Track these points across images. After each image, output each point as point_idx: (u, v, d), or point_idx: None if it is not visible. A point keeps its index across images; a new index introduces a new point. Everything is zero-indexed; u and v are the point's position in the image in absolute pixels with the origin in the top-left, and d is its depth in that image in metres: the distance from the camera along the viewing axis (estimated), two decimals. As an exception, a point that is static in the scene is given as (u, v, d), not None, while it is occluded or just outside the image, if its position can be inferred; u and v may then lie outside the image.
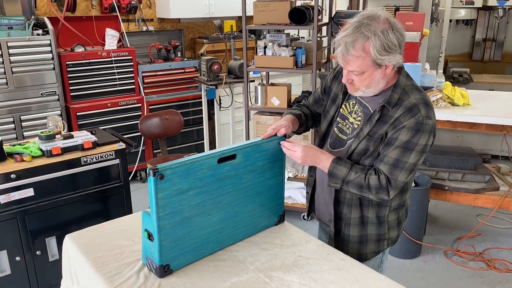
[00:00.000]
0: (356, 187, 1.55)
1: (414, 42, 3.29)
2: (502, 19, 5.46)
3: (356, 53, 1.44)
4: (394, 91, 1.55)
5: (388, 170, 1.53)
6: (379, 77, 1.52)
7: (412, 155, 1.51)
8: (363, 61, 1.46)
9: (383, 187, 1.53)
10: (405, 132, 1.50)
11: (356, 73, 1.51)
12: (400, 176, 1.52)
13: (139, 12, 4.93)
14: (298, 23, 3.34)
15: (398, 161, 1.52)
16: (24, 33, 3.71)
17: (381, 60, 1.45)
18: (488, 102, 3.30)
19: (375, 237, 1.70)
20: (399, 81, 1.56)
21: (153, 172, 1.33)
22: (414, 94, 1.54)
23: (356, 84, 1.54)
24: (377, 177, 1.54)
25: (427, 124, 1.49)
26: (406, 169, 1.52)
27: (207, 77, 4.41)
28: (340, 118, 1.70)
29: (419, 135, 1.49)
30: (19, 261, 2.43)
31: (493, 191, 3.15)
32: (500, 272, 3.03)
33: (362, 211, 1.67)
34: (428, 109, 1.51)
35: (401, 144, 1.51)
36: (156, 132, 3.68)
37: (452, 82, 4.27)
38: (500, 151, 4.64)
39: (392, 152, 1.52)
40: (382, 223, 1.68)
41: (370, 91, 1.56)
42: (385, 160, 1.54)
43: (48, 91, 3.89)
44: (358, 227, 1.68)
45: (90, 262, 1.55)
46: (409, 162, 1.51)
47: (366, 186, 1.54)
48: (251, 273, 1.48)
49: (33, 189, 2.39)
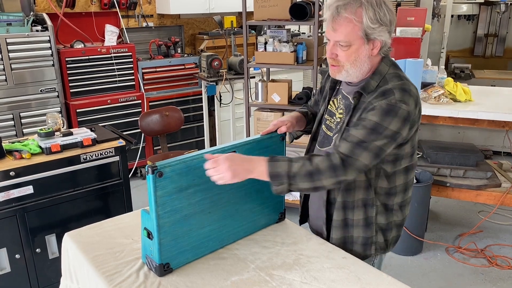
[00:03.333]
0: (306, 177, 1.37)
1: (416, 38, 3.26)
2: (504, 14, 5.44)
3: (348, 15, 1.36)
4: (372, 77, 1.45)
5: (349, 148, 1.37)
6: (365, 55, 1.42)
7: (380, 139, 1.36)
8: (353, 29, 1.37)
9: (336, 165, 1.36)
10: (375, 113, 1.37)
11: (342, 44, 1.40)
12: (362, 155, 1.36)
13: (138, 8, 4.90)
14: (299, 18, 3.32)
15: (362, 141, 1.37)
16: (23, 30, 3.70)
17: (372, 31, 1.37)
18: (490, 98, 3.28)
19: (361, 240, 1.56)
20: (379, 68, 1.46)
21: (152, 169, 1.32)
22: (393, 81, 1.43)
23: (341, 60, 1.44)
24: (325, 157, 1.38)
25: (400, 107, 1.36)
26: (370, 150, 1.36)
27: (207, 73, 4.39)
28: (328, 115, 1.61)
29: (391, 119, 1.36)
30: (18, 258, 2.42)
31: (495, 188, 3.13)
32: (502, 269, 3.02)
33: (346, 214, 1.54)
34: (403, 94, 1.38)
35: (369, 125, 1.37)
36: (156, 129, 3.67)
37: (453, 78, 4.25)
38: (502, 147, 4.62)
39: (357, 132, 1.38)
40: (369, 225, 1.54)
41: (353, 72, 1.45)
42: (348, 139, 1.39)
43: (48, 87, 3.87)
44: (341, 229, 1.57)
45: (90, 260, 1.54)
46: (374, 144, 1.36)
47: (317, 170, 1.36)
48: (252, 272, 1.47)
49: (32, 186, 2.37)
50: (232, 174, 1.37)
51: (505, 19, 5.51)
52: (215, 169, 1.38)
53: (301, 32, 5.37)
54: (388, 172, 1.50)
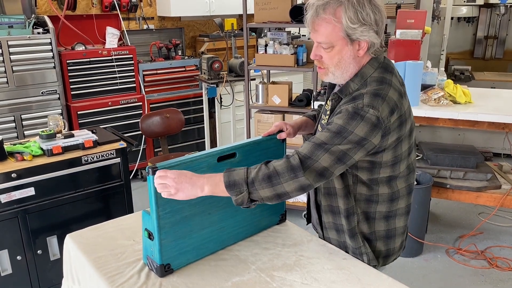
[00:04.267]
0: (264, 181, 1.30)
1: (416, 40, 3.27)
2: (504, 16, 5.44)
3: (327, 16, 1.32)
4: (353, 80, 1.40)
5: (309, 150, 1.31)
6: (350, 56, 1.36)
7: (344, 142, 1.30)
8: (333, 30, 1.33)
9: (294, 166, 1.29)
10: (340, 116, 1.32)
11: (325, 46, 1.37)
12: (322, 157, 1.29)
13: (139, 10, 4.92)
14: (299, 21, 3.32)
15: (324, 143, 1.31)
16: (25, 32, 3.71)
17: (352, 31, 1.31)
18: (490, 100, 3.28)
19: (352, 250, 1.54)
20: (362, 70, 1.40)
21: (152, 170, 1.33)
22: (372, 85, 1.36)
23: (325, 62, 1.40)
24: (283, 160, 1.32)
25: (367, 112, 1.29)
26: (332, 153, 1.30)
27: (208, 76, 4.40)
28: (323, 114, 1.58)
29: (355, 123, 1.29)
30: (20, 260, 2.43)
31: (495, 189, 3.13)
32: (502, 271, 3.02)
33: (334, 218, 1.53)
34: (374, 99, 1.31)
35: (334, 128, 1.32)
36: (157, 131, 3.68)
37: (453, 80, 4.25)
38: (502, 149, 4.62)
39: (320, 134, 1.33)
40: (354, 235, 1.50)
41: (340, 74, 1.40)
42: (311, 140, 1.33)
43: (49, 90, 3.89)
44: (335, 232, 1.57)
45: (91, 261, 1.55)
46: (336, 146, 1.30)
47: (275, 173, 1.30)
48: (253, 273, 1.47)
49: (34, 188, 2.38)
50: (176, 189, 1.30)
51: (505, 21, 5.52)
52: (162, 184, 1.31)
53: (301, 34, 5.38)
54: (363, 180, 1.45)
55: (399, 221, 1.55)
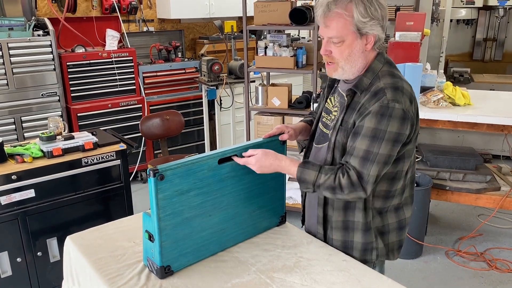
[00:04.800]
0: (328, 190, 1.44)
1: (415, 42, 3.28)
2: (503, 18, 5.46)
3: (339, 10, 1.38)
4: (365, 75, 1.47)
5: (359, 164, 1.40)
6: (359, 50, 1.43)
7: (383, 145, 1.38)
8: (344, 24, 1.39)
9: (355, 184, 1.40)
10: (370, 118, 1.38)
11: (335, 41, 1.42)
12: (372, 170, 1.39)
13: (139, 12, 4.93)
14: (299, 23, 3.34)
15: (368, 152, 1.39)
16: (25, 34, 3.72)
17: (363, 25, 1.39)
18: (489, 102, 3.29)
19: (361, 246, 1.55)
20: (372, 66, 1.47)
21: (153, 172, 1.33)
22: (385, 79, 1.43)
23: (335, 57, 1.45)
24: (346, 175, 1.41)
25: (393, 108, 1.37)
26: (378, 161, 1.38)
27: (207, 78, 4.41)
28: (325, 113, 1.61)
29: (386, 121, 1.37)
30: (20, 262, 2.43)
31: (494, 191, 3.14)
32: (502, 272, 3.03)
33: (346, 215, 1.54)
34: (396, 93, 1.39)
35: (368, 133, 1.39)
36: (156, 133, 3.68)
37: (453, 82, 4.26)
38: (501, 151, 4.63)
39: (360, 143, 1.40)
40: (368, 230, 1.53)
41: (349, 68, 1.46)
42: (354, 153, 1.41)
43: (49, 92, 3.89)
44: (341, 232, 1.57)
45: (91, 263, 1.55)
46: (380, 153, 1.38)
47: (338, 187, 1.42)
48: (253, 274, 1.48)
49: (34, 190, 2.39)
50: (258, 168, 1.51)
51: (504, 24, 5.54)
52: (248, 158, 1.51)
53: (301, 36, 5.40)
54: (389, 175, 1.49)
55: (407, 211, 1.61)
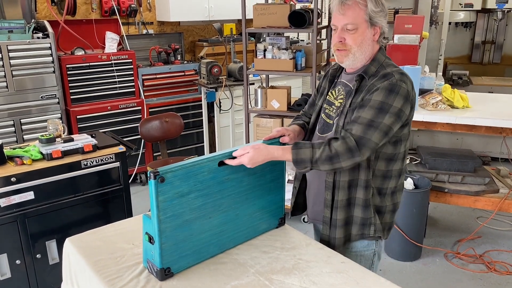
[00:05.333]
0: (326, 161, 1.51)
1: (414, 45, 3.29)
2: (501, 21, 5.48)
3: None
4: (371, 64, 1.62)
5: (362, 130, 1.49)
6: (369, 38, 1.58)
7: (387, 116, 1.50)
8: (359, 12, 1.54)
9: (352, 148, 1.49)
10: (379, 93, 1.52)
11: (350, 27, 1.56)
12: (374, 135, 1.49)
13: (139, 15, 4.94)
14: (298, 26, 3.35)
15: (373, 121, 1.49)
16: (25, 37, 3.72)
17: (374, 15, 1.55)
18: (487, 105, 3.30)
19: (360, 221, 1.66)
20: (377, 57, 1.63)
21: (154, 175, 1.34)
22: (390, 67, 1.60)
23: (348, 44, 1.58)
24: (342, 141, 1.50)
25: (401, 86, 1.52)
26: (381, 129, 1.49)
27: (207, 80, 4.42)
28: (327, 105, 1.73)
29: (394, 96, 1.51)
30: (19, 264, 2.43)
31: (493, 194, 3.15)
32: (501, 275, 3.03)
33: (350, 193, 1.63)
34: (402, 76, 1.55)
35: (375, 105, 1.51)
36: (156, 135, 3.69)
37: (451, 84, 4.28)
38: (499, 153, 4.65)
39: (366, 113, 1.51)
40: (367, 207, 1.64)
41: (359, 55, 1.59)
42: (358, 121, 1.51)
43: (48, 94, 3.89)
44: (344, 210, 1.65)
45: (91, 265, 1.55)
46: (383, 123, 1.50)
47: (335, 154, 1.49)
48: (252, 276, 1.48)
49: (33, 192, 2.39)
50: (253, 165, 1.52)
51: (502, 26, 5.56)
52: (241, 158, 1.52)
53: (300, 39, 5.41)
54: (388, 155, 1.61)
55: (399, 196, 1.73)
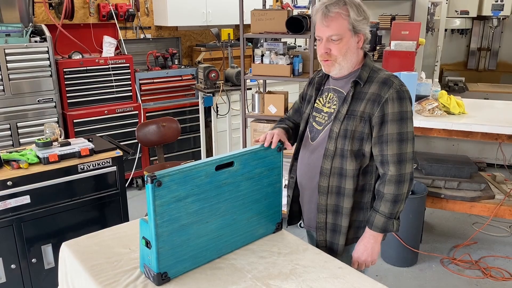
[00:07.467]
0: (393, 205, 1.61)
1: (410, 51, 3.31)
2: (497, 28, 5.53)
3: (337, 10, 1.56)
4: (363, 69, 1.66)
5: (395, 168, 1.59)
6: (353, 46, 1.61)
7: (409, 124, 1.60)
8: (343, 22, 1.57)
9: (399, 182, 1.60)
10: (391, 107, 1.57)
11: (334, 39, 1.58)
12: (406, 167, 1.61)
13: (136, 19, 4.95)
14: (295, 32, 3.37)
15: (400, 154, 1.59)
16: (22, 40, 3.72)
17: (357, 23, 1.58)
18: (483, 111, 3.32)
19: (356, 224, 1.72)
20: (367, 62, 1.68)
21: (151, 179, 1.34)
22: (381, 72, 1.66)
23: (334, 54, 1.61)
24: (388, 185, 1.60)
25: (405, 91, 1.60)
26: (409, 159, 1.61)
27: (204, 85, 4.43)
28: (316, 112, 1.75)
29: (405, 103, 1.59)
30: (14, 268, 2.41)
31: (489, 200, 3.16)
32: (496, 280, 3.04)
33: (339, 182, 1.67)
34: (399, 80, 1.63)
35: (395, 118, 1.57)
36: (153, 140, 3.68)
37: (447, 90, 4.30)
38: (495, 159, 4.66)
39: (391, 149, 1.59)
40: (366, 210, 1.71)
41: (345, 64, 1.63)
42: (390, 159, 1.59)
43: (45, 98, 3.89)
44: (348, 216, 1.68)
45: (87, 270, 1.55)
46: (409, 152, 1.61)
47: (394, 198, 1.60)
48: (249, 281, 1.48)
49: (29, 196, 2.38)
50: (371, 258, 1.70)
51: (498, 34, 5.61)
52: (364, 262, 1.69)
53: (297, 45, 5.44)
54: None
55: None
